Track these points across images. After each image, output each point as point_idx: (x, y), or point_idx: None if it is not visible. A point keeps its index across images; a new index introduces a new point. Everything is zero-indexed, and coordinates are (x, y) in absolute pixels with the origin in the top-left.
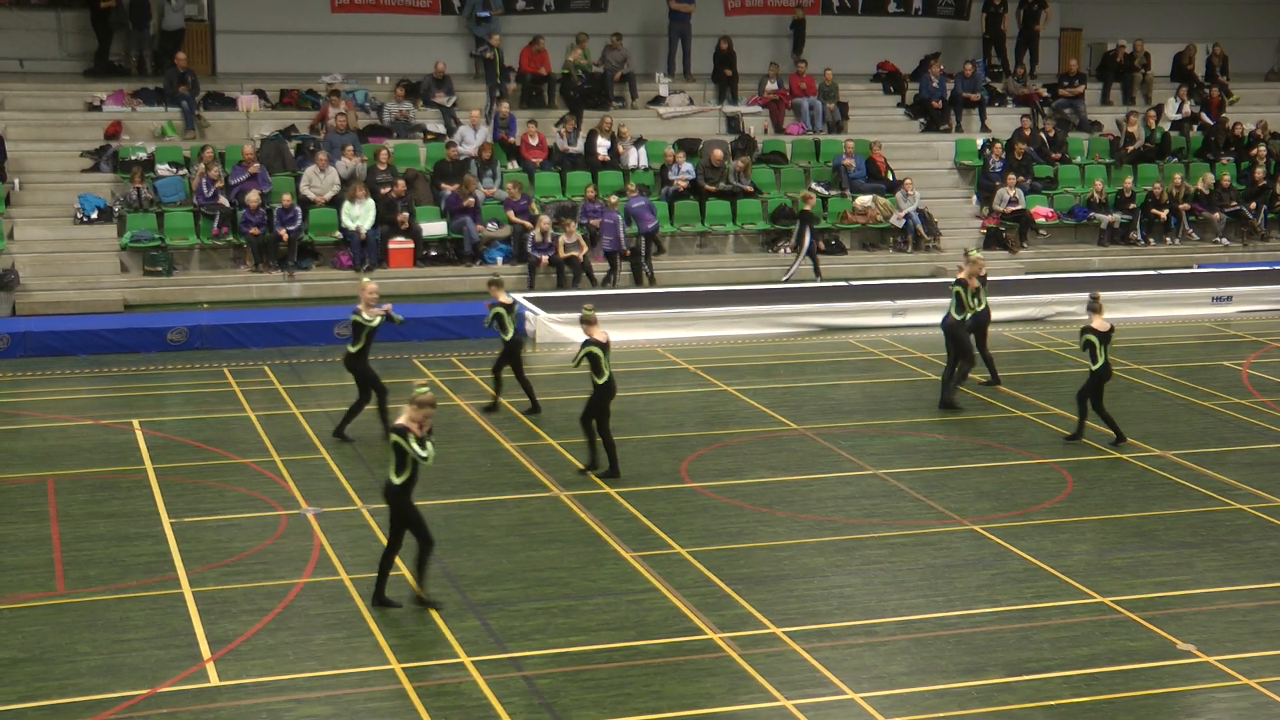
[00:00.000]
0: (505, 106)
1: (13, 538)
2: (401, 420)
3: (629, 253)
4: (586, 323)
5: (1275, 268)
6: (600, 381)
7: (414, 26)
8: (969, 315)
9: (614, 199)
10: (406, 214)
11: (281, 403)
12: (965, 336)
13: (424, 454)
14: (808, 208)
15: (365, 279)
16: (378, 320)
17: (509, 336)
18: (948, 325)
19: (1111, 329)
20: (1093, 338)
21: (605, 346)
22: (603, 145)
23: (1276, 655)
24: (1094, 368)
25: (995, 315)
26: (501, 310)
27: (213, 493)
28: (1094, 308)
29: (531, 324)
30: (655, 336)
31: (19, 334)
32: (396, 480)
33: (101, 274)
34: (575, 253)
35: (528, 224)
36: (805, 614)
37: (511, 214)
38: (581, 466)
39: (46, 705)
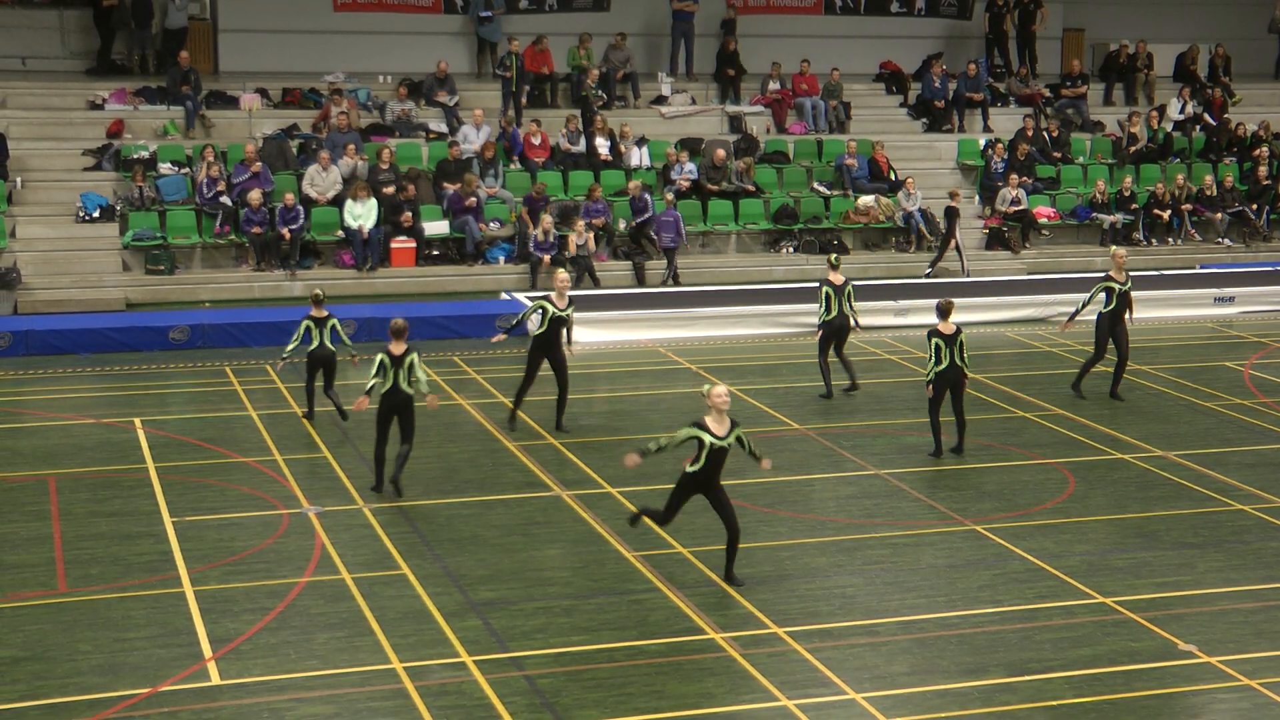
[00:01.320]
0: (510, 118)
1: (14, 536)
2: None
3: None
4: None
5: (1277, 268)
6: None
7: (416, 25)
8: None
9: (670, 196)
10: (410, 214)
11: (283, 402)
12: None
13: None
14: (955, 204)
15: (560, 270)
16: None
17: (831, 316)
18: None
19: (958, 331)
20: (939, 341)
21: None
22: (604, 145)
23: (1278, 656)
24: (938, 369)
25: (997, 316)
26: (829, 291)
27: (214, 491)
28: (943, 310)
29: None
30: (657, 336)
31: (21, 332)
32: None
33: (103, 273)
34: (583, 252)
35: (530, 223)
36: (807, 614)
37: (525, 212)
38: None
39: (48, 704)
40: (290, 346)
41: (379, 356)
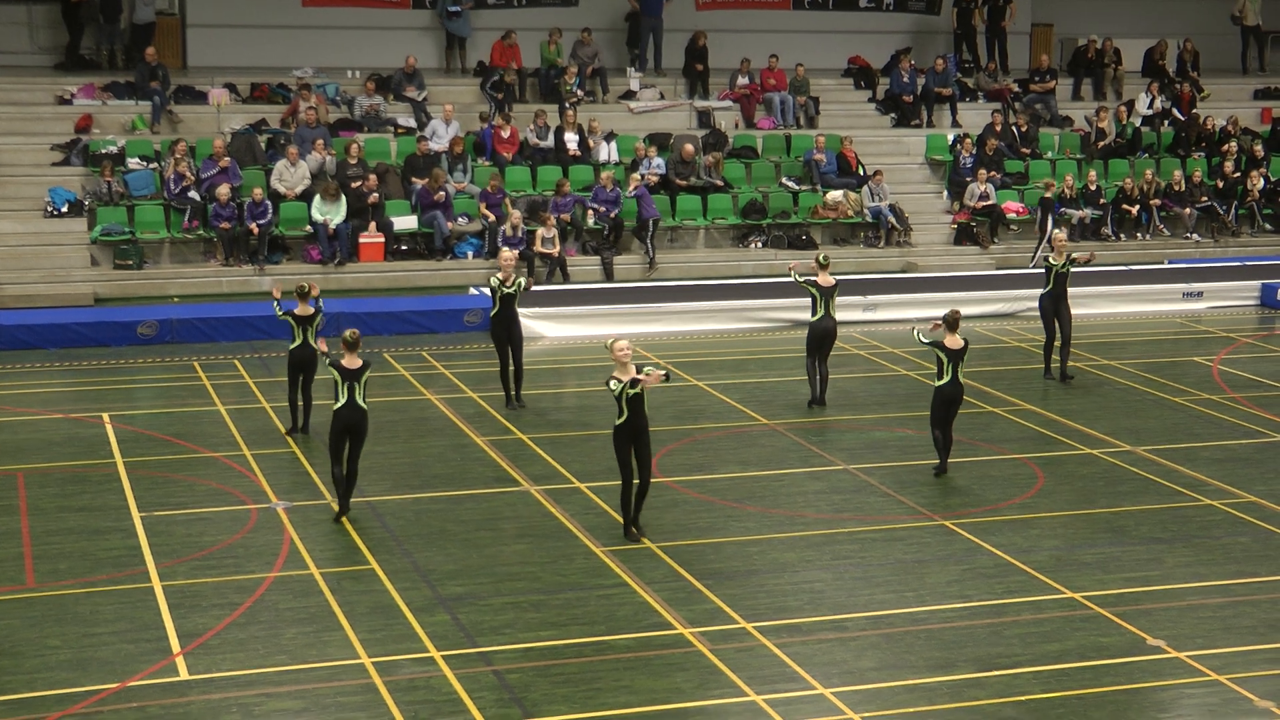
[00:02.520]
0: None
1: None
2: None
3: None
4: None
5: (1246, 263)
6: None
7: (385, 21)
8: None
9: (636, 177)
10: (376, 195)
11: (251, 396)
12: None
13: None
14: (1049, 195)
15: (505, 249)
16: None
17: (817, 318)
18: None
19: (965, 345)
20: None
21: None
22: (573, 140)
23: (1246, 651)
24: (939, 384)
25: (965, 311)
26: (816, 292)
27: (183, 487)
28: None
29: None
30: (625, 331)
31: None
32: None
33: (72, 268)
34: (550, 249)
35: (491, 216)
36: (775, 609)
37: (483, 206)
38: None
39: (15, 699)
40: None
41: (333, 371)
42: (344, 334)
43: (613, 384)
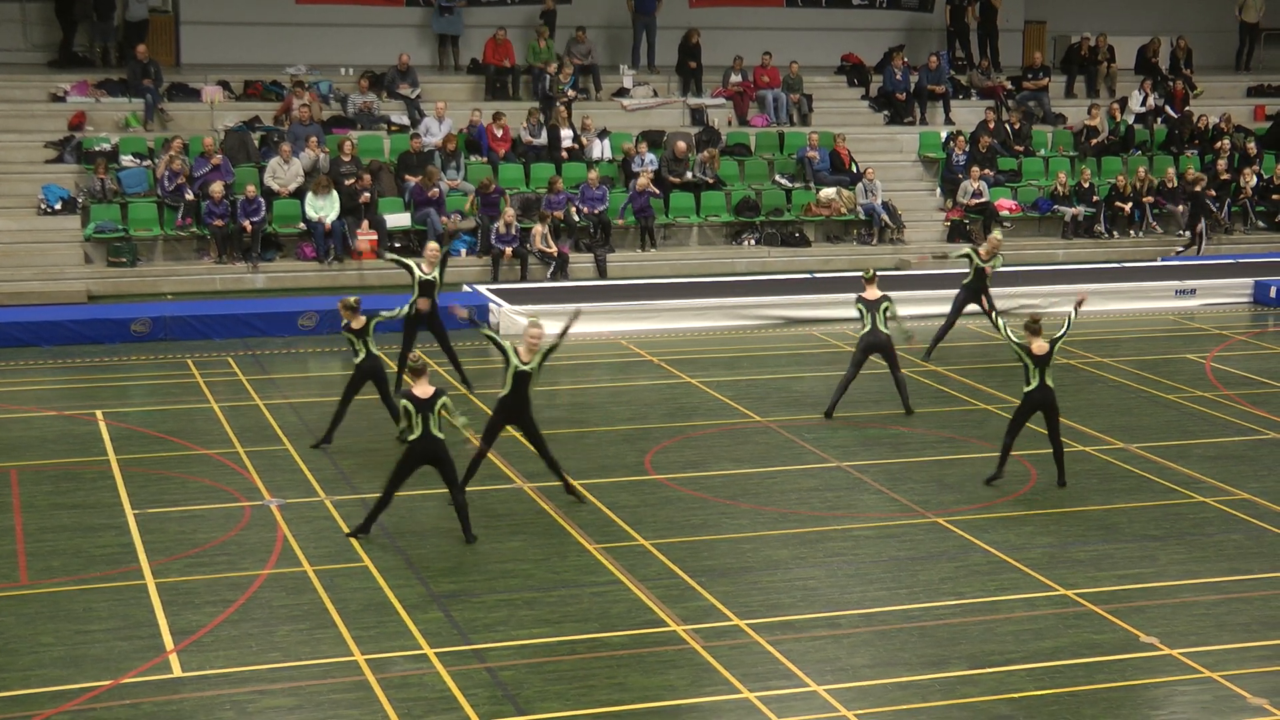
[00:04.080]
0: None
1: None
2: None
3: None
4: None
5: (1239, 260)
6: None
7: (378, 18)
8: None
9: (643, 180)
10: (368, 194)
11: (245, 394)
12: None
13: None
14: (1198, 189)
15: (431, 242)
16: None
17: (865, 331)
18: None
19: (1051, 349)
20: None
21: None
22: (568, 136)
23: (1239, 648)
24: (1026, 389)
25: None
26: (862, 306)
27: (176, 484)
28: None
29: (495, 316)
30: (618, 328)
31: None
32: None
33: (65, 265)
34: (549, 247)
35: (475, 206)
36: (768, 606)
37: (476, 202)
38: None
39: (9, 696)
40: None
41: (401, 403)
42: (411, 362)
43: (514, 361)
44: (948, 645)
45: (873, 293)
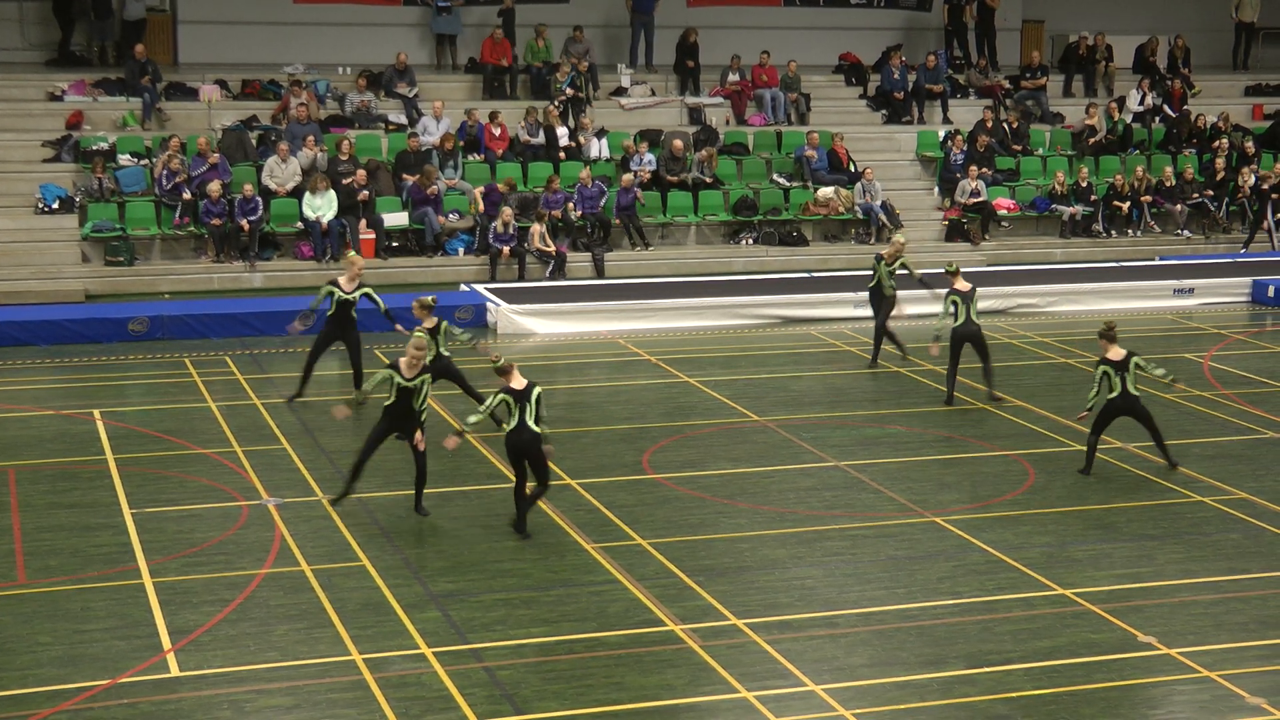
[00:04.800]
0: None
1: None
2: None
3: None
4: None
5: (1237, 259)
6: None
7: (376, 17)
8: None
9: (628, 178)
10: (366, 192)
11: (243, 393)
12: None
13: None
14: (1266, 186)
15: (351, 251)
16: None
17: (960, 323)
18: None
19: (1129, 356)
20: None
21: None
22: (564, 134)
23: (1237, 648)
24: (1109, 396)
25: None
26: (957, 298)
27: (174, 483)
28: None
29: (492, 315)
30: (616, 328)
31: None
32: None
33: (63, 264)
34: (548, 246)
35: (479, 203)
36: (766, 606)
37: (478, 194)
38: None
39: (6, 695)
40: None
41: (499, 396)
42: (494, 364)
43: (398, 378)
44: (945, 644)
45: (963, 284)
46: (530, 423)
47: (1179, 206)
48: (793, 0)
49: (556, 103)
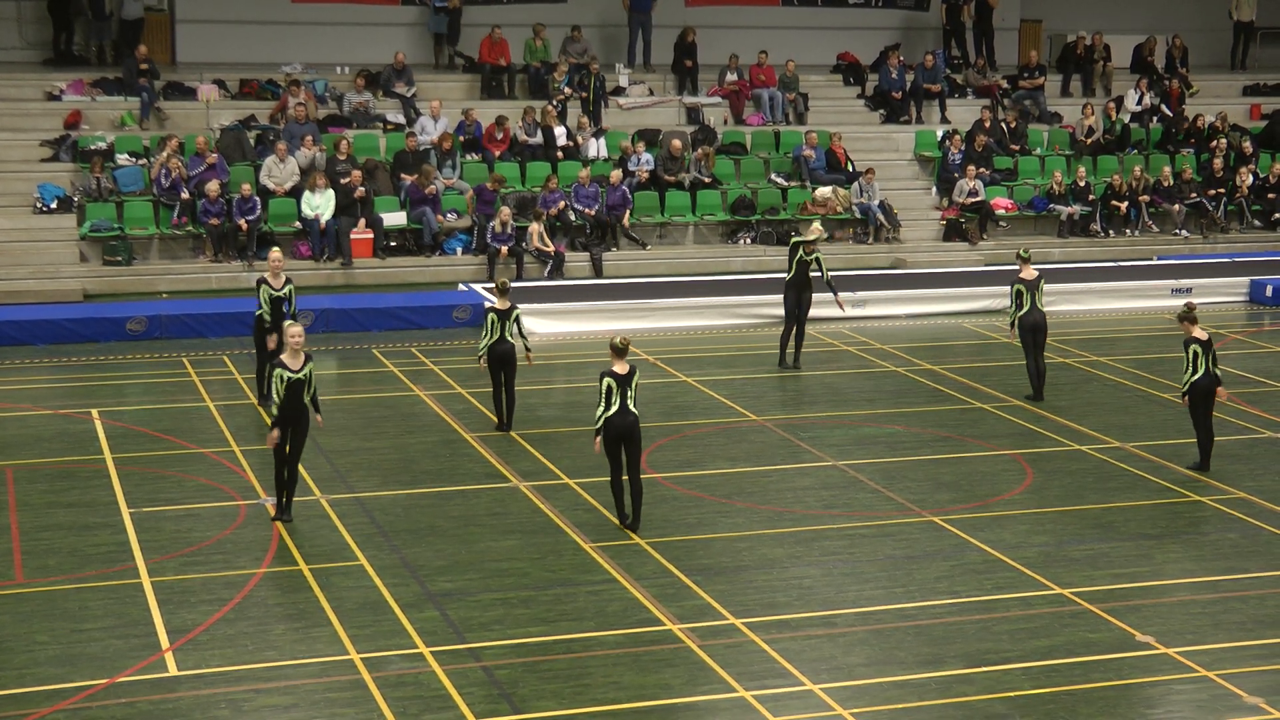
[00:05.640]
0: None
1: None
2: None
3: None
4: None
5: (1235, 259)
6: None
7: (374, 17)
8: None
9: (615, 175)
10: (363, 189)
11: (240, 392)
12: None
13: None
14: None
15: (274, 249)
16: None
17: (1024, 312)
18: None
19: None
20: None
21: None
22: (560, 135)
23: (1235, 647)
24: (1193, 378)
25: (954, 307)
26: (1021, 287)
27: (172, 482)
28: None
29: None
30: (615, 327)
31: None
32: None
33: (61, 264)
34: (547, 246)
35: (472, 204)
36: (764, 605)
37: (470, 197)
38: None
39: (5, 695)
40: (482, 343)
41: (605, 381)
42: (614, 340)
43: (285, 373)
44: (944, 644)
45: (1029, 273)
46: (630, 406)
47: (1177, 206)
48: (791, 0)
49: (555, 102)
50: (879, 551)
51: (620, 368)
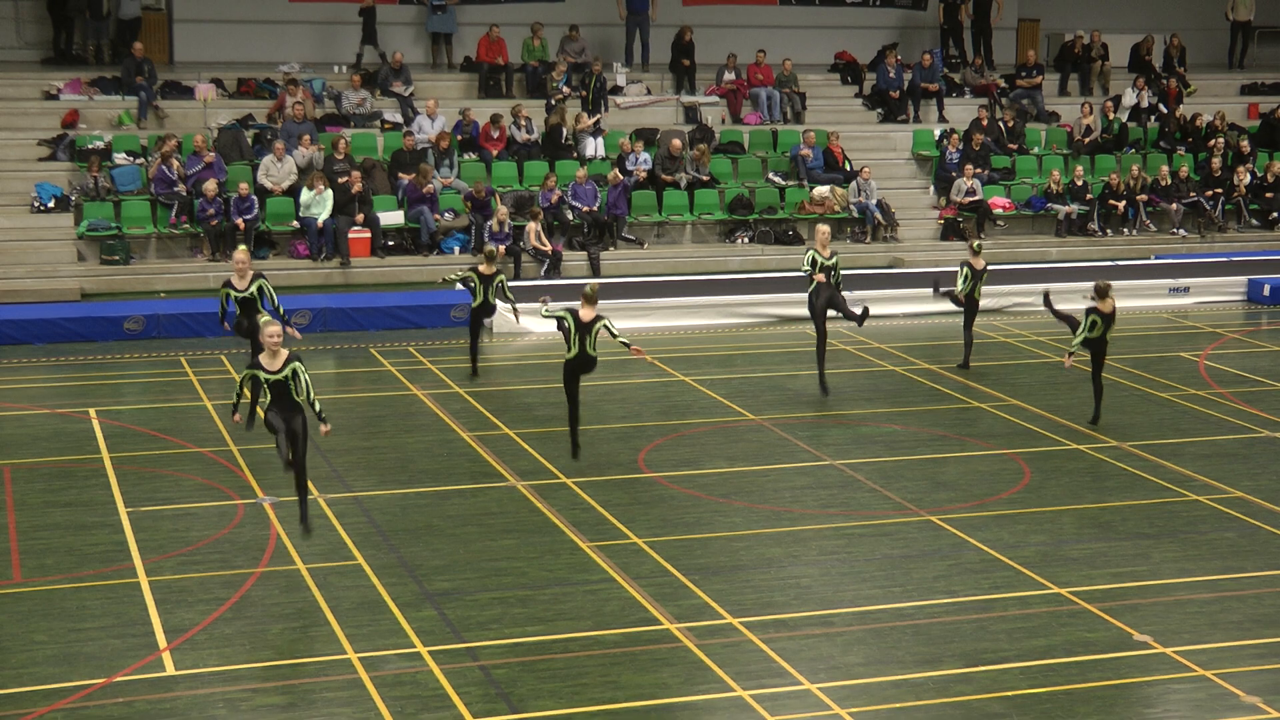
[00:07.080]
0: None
1: None
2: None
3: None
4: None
5: (1232, 259)
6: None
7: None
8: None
9: (613, 174)
10: (359, 186)
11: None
12: None
13: None
14: None
15: (239, 249)
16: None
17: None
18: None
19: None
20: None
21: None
22: (559, 134)
23: (1233, 646)
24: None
25: (952, 306)
26: (969, 271)
27: (169, 482)
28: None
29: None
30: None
31: None
32: None
33: (58, 263)
34: (544, 245)
35: (468, 206)
36: (762, 604)
37: (467, 203)
38: None
39: (2, 694)
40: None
41: (566, 323)
42: (585, 288)
43: (262, 375)
44: (941, 643)
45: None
46: (589, 349)
47: (1174, 205)
48: None
49: (553, 101)
50: (876, 551)
51: (586, 314)
